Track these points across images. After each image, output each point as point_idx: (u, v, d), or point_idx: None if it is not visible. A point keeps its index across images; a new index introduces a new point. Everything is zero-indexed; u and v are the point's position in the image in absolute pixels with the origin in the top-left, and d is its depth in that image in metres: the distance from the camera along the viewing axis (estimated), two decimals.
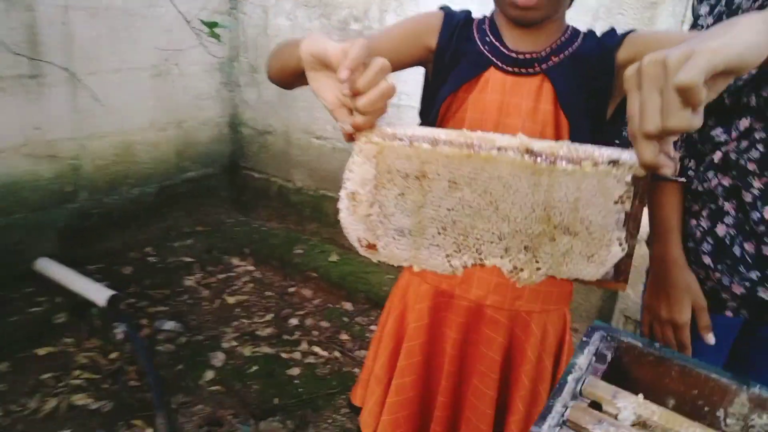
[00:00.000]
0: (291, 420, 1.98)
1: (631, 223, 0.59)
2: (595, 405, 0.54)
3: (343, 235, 0.66)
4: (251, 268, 3.07)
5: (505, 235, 0.60)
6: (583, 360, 0.58)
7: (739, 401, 0.57)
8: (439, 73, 1.01)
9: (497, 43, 0.98)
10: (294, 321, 2.61)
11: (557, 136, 0.95)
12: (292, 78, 0.85)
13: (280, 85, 0.94)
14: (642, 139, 0.52)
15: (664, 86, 0.50)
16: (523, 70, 0.96)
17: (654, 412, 0.52)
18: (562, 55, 0.95)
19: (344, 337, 2.53)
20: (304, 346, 2.44)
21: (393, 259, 0.65)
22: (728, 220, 1.01)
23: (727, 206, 1.01)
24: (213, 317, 2.58)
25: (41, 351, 2.19)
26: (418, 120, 1.09)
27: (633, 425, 0.52)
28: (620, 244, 0.59)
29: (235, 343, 2.39)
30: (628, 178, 0.57)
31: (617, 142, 1.06)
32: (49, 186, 2.59)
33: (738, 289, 1.02)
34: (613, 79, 0.93)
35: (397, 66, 1.02)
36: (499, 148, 0.57)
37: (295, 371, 2.27)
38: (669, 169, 0.53)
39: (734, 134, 0.99)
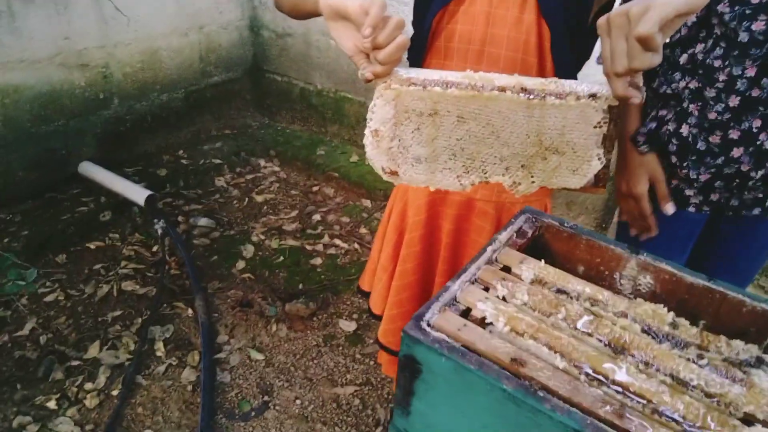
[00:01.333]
0: (313, 302, 2.23)
1: (607, 142, 0.71)
2: (508, 270, 0.69)
3: (362, 135, 0.76)
4: (277, 168, 3.24)
5: (505, 157, 0.72)
6: (504, 235, 0.71)
7: (630, 266, 0.70)
8: None
9: None
10: (317, 217, 2.81)
11: (540, 44, 1.03)
12: (305, 17, 0.94)
13: (290, 16, 1.03)
14: (614, 77, 0.64)
15: (628, 34, 0.60)
16: None
17: (549, 273, 0.66)
18: None
19: (363, 230, 2.73)
20: (326, 239, 2.65)
21: (412, 181, 0.76)
22: (691, 120, 1.09)
23: (692, 107, 1.09)
24: (242, 214, 2.79)
25: (92, 245, 2.45)
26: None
27: (531, 282, 0.66)
28: (599, 159, 0.71)
29: (263, 237, 2.62)
30: (605, 107, 0.68)
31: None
32: (83, 94, 2.75)
33: (704, 177, 1.11)
34: None
35: None
36: (499, 88, 0.68)
37: (318, 261, 2.49)
38: (637, 98, 0.65)
39: (684, 30, 1.04)
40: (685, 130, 1.10)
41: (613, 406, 0.50)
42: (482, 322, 0.60)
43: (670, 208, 1.17)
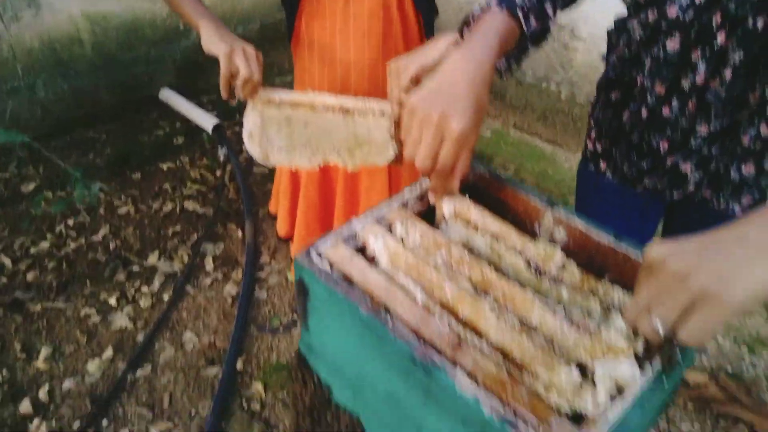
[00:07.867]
0: None
1: (397, 137, 0.92)
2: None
3: None
4: None
5: (336, 147, 0.97)
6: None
7: (546, 218, 0.72)
8: None
9: None
10: None
11: None
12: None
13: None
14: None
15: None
16: None
17: (467, 207, 0.70)
18: None
19: None
20: None
21: (278, 163, 1.02)
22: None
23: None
24: None
25: (164, 166, 2.69)
26: None
27: (451, 216, 0.70)
28: (393, 149, 0.94)
29: None
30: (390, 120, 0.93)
31: None
32: (165, 24, 2.93)
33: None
34: None
35: None
36: (325, 107, 0.94)
37: None
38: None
39: None
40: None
41: (452, 340, 0.54)
42: (373, 257, 0.65)
43: None
